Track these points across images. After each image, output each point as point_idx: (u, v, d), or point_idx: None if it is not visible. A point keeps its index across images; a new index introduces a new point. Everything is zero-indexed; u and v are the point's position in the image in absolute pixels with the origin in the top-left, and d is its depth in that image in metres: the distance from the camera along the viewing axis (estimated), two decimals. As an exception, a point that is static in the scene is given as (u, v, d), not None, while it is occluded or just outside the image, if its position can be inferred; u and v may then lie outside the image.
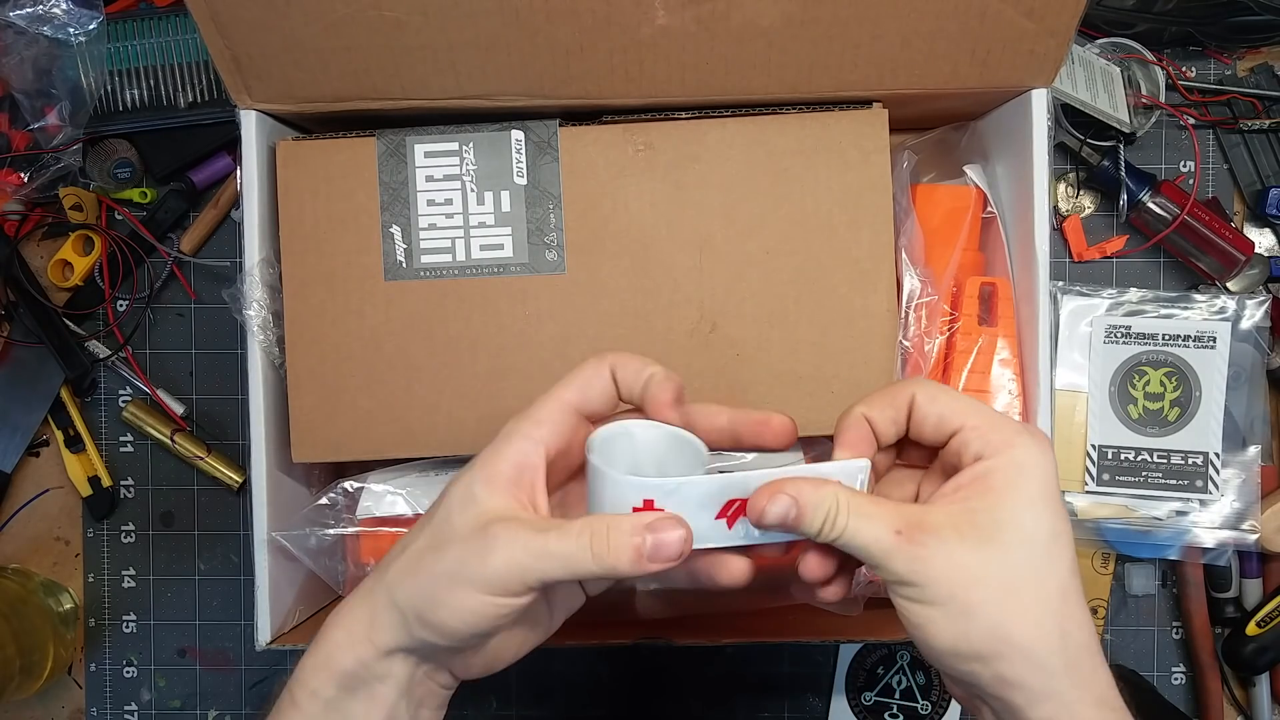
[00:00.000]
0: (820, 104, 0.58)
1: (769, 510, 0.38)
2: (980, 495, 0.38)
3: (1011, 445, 0.38)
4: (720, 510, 0.40)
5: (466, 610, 0.38)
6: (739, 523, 0.40)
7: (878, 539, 0.37)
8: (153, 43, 0.70)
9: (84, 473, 0.73)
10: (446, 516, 0.40)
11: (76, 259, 0.72)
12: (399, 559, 0.40)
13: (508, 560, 0.37)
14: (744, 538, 0.41)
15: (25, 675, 0.69)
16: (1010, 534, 0.37)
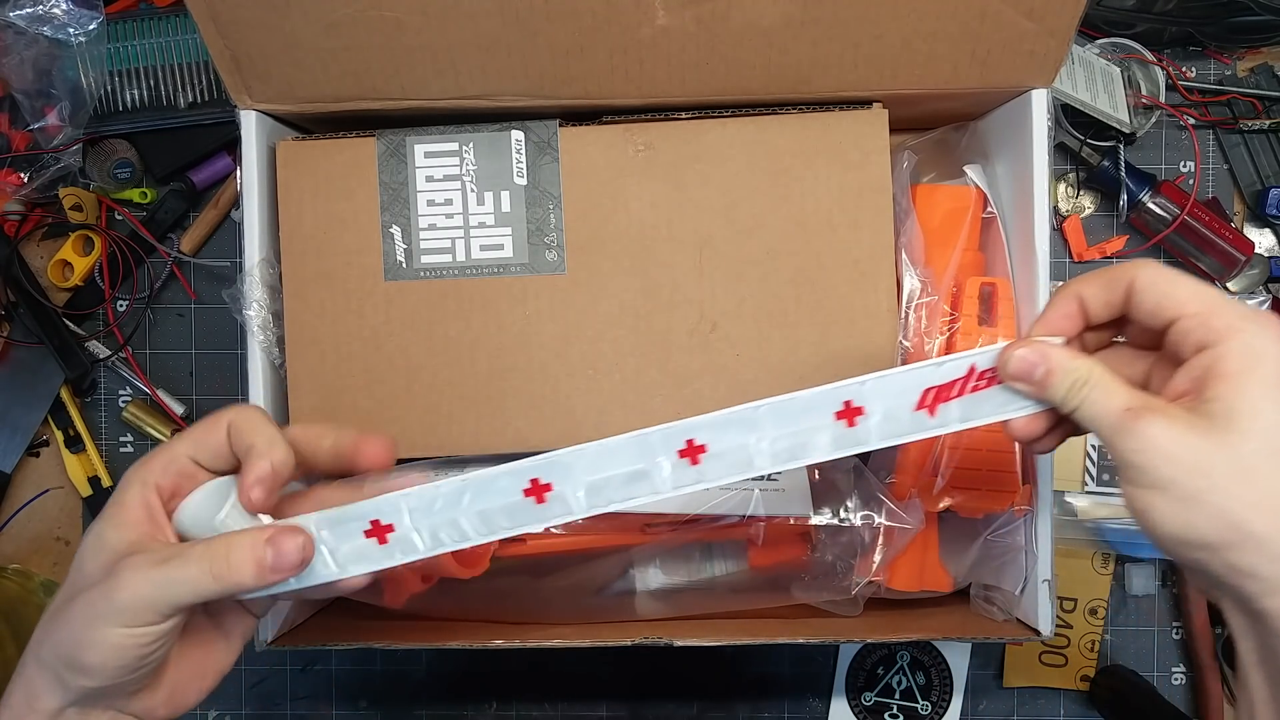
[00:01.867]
0: (820, 104, 0.58)
1: (1019, 360, 0.39)
2: (1212, 384, 0.36)
3: (1239, 331, 0.36)
4: (918, 401, 0.42)
5: (108, 646, 0.39)
6: (941, 409, 0.42)
7: (1109, 412, 0.37)
8: (153, 43, 0.70)
9: (84, 473, 0.73)
10: (79, 566, 0.41)
11: (76, 259, 0.72)
12: (41, 623, 0.42)
13: (134, 592, 0.39)
14: (941, 425, 0.42)
15: (25, 675, 0.69)
16: (1245, 421, 0.35)
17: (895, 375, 0.42)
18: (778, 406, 0.43)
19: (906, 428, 0.42)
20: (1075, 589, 0.73)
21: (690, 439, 0.43)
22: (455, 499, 0.44)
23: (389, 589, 0.60)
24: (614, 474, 0.43)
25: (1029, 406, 0.42)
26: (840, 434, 0.43)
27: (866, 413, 0.42)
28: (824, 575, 0.60)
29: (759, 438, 0.43)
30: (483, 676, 0.75)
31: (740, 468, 0.43)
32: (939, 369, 0.42)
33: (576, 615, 0.61)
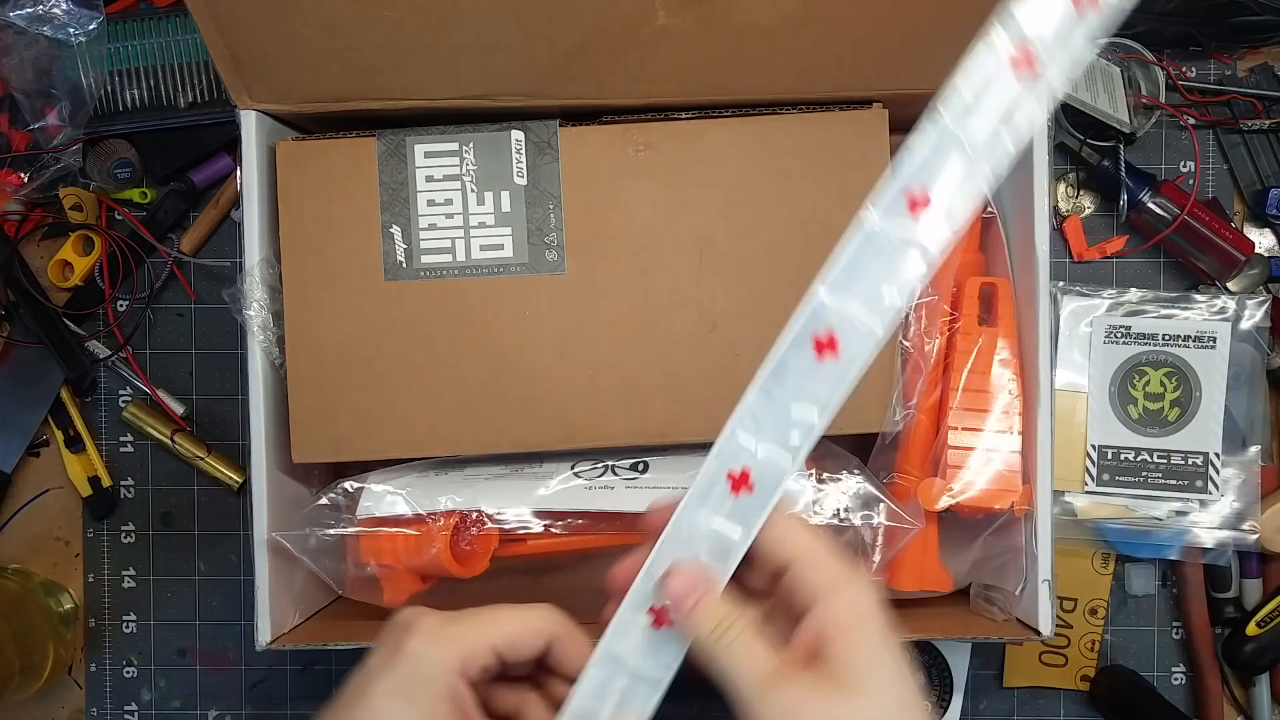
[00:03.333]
0: (820, 104, 0.58)
1: (678, 578, 0.39)
2: (831, 642, 0.37)
3: (840, 589, 0.37)
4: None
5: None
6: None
7: (750, 672, 0.39)
8: (153, 43, 0.70)
9: (84, 473, 0.73)
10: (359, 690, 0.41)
11: (76, 259, 0.72)
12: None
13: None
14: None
15: (25, 675, 0.69)
16: (868, 680, 0.36)
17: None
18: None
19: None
20: (1075, 589, 0.73)
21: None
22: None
23: (389, 589, 0.60)
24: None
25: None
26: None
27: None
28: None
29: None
30: (483, 676, 0.75)
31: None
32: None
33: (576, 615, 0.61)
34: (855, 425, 0.59)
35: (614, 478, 0.59)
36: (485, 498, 0.59)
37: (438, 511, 0.58)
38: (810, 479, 0.58)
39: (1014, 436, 0.59)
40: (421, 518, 0.58)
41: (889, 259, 0.40)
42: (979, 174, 0.39)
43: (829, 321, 0.41)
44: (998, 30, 0.39)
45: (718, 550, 0.40)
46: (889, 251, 0.40)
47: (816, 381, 0.41)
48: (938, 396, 0.61)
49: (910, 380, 0.60)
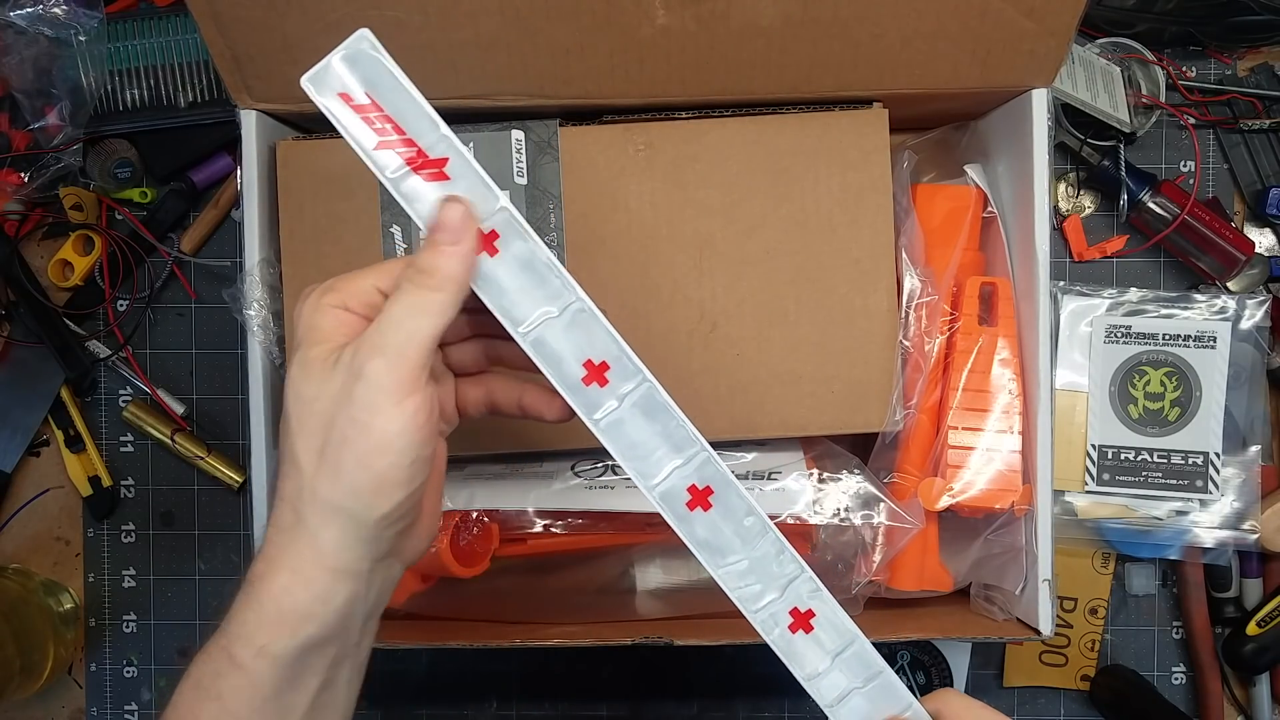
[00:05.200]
0: (820, 104, 0.58)
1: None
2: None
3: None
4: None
5: (394, 438, 0.37)
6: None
7: None
8: (153, 43, 0.70)
9: (84, 473, 0.73)
10: (317, 412, 0.39)
11: (76, 259, 0.72)
12: (296, 479, 0.39)
13: (383, 357, 0.37)
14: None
15: (25, 675, 0.69)
16: None
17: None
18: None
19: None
20: (1075, 589, 0.73)
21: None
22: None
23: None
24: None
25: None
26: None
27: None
28: (824, 575, 0.59)
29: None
30: (483, 676, 0.75)
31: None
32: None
33: (576, 615, 0.61)
34: (855, 425, 0.59)
35: (614, 477, 0.59)
36: (485, 498, 0.59)
37: (439, 511, 0.58)
38: (810, 479, 0.58)
39: (1014, 436, 0.59)
40: (421, 518, 0.58)
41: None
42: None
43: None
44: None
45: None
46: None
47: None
48: (938, 396, 0.61)
49: (910, 380, 0.60)
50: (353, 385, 0.38)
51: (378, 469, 0.38)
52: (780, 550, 0.43)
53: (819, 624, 0.43)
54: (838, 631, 0.43)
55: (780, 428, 0.59)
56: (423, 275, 0.39)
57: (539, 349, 0.42)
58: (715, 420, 0.59)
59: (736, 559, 0.43)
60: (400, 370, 0.37)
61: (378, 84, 0.41)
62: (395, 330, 0.38)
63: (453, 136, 0.41)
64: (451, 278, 0.39)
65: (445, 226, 0.39)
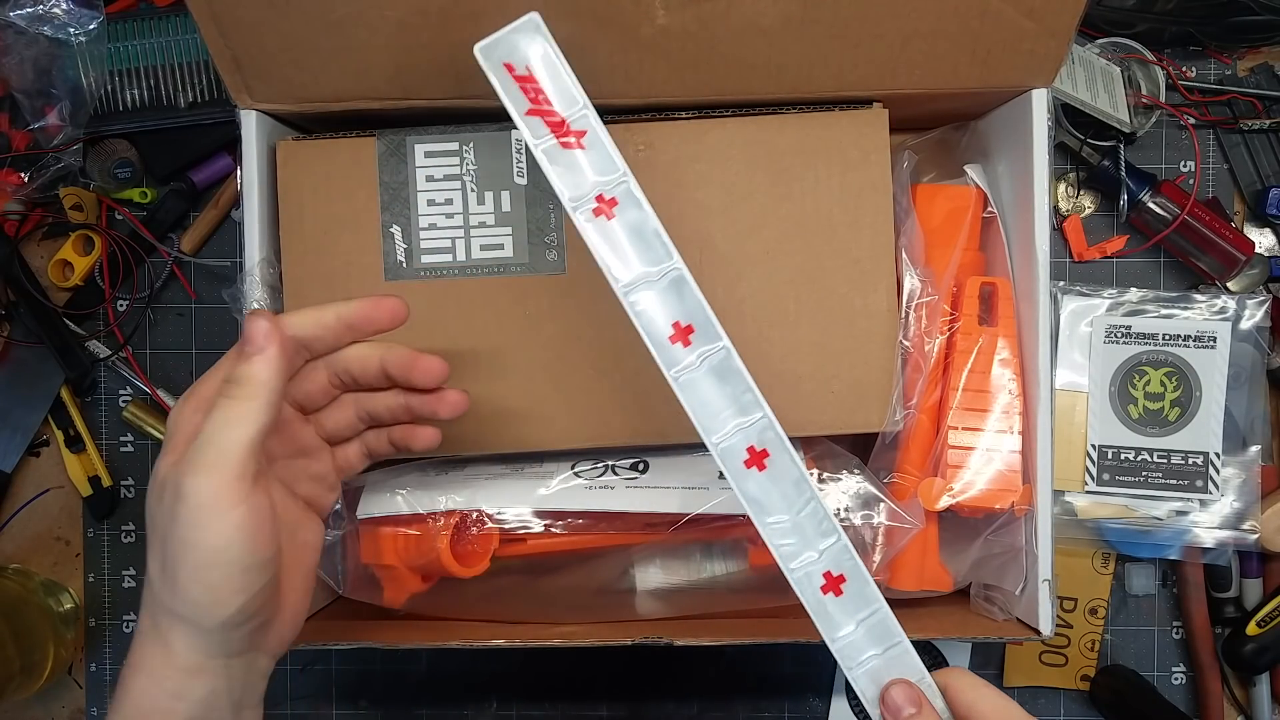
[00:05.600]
0: (820, 104, 0.58)
1: (896, 695, 0.44)
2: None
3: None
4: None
5: (220, 552, 0.38)
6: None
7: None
8: (153, 43, 0.70)
9: (84, 473, 0.73)
10: (156, 528, 0.41)
11: (76, 259, 0.72)
12: (150, 588, 0.41)
13: (205, 473, 0.38)
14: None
15: (25, 675, 0.69)
16: None
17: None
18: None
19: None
20: (1075, 589, 0.73)
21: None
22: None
23: (389, 588, 0.60)
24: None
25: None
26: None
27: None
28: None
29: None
30: (483, 676, 0.75)
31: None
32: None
33: (576, 615, 0.61)
34: (855, 425, 0.59)
35: (614, 477, 0.59)
36: (485, 498, 0.59)
37: (438, 511, 0.58)
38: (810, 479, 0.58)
39: (1014, 436, 0.59)
40: (421, 517, 0.58)
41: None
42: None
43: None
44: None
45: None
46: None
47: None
48: (938, 396, 0.61)
49: (910, 380, 0.60)
50: (175, 505, 0.39)
51: (208, 582, 0.39)
52: (822, 518, 0.46)
53: (848, 589, 0.46)
54: (865, 599, 0.46)
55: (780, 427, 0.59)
56: (232, 385, 0.40)
57: (633, 306, 0.47)
58: (715, 420, 0.59)
59: (781, 518, 0.46)
60: (219, 484, 0.38)
61: (537, 60, 0.47)
62: (209, 446, 0.39)
63: (592, 114, 0.47)
64: (263, 384, 0.40)
65: (250, 339, 0.41)
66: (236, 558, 0.39)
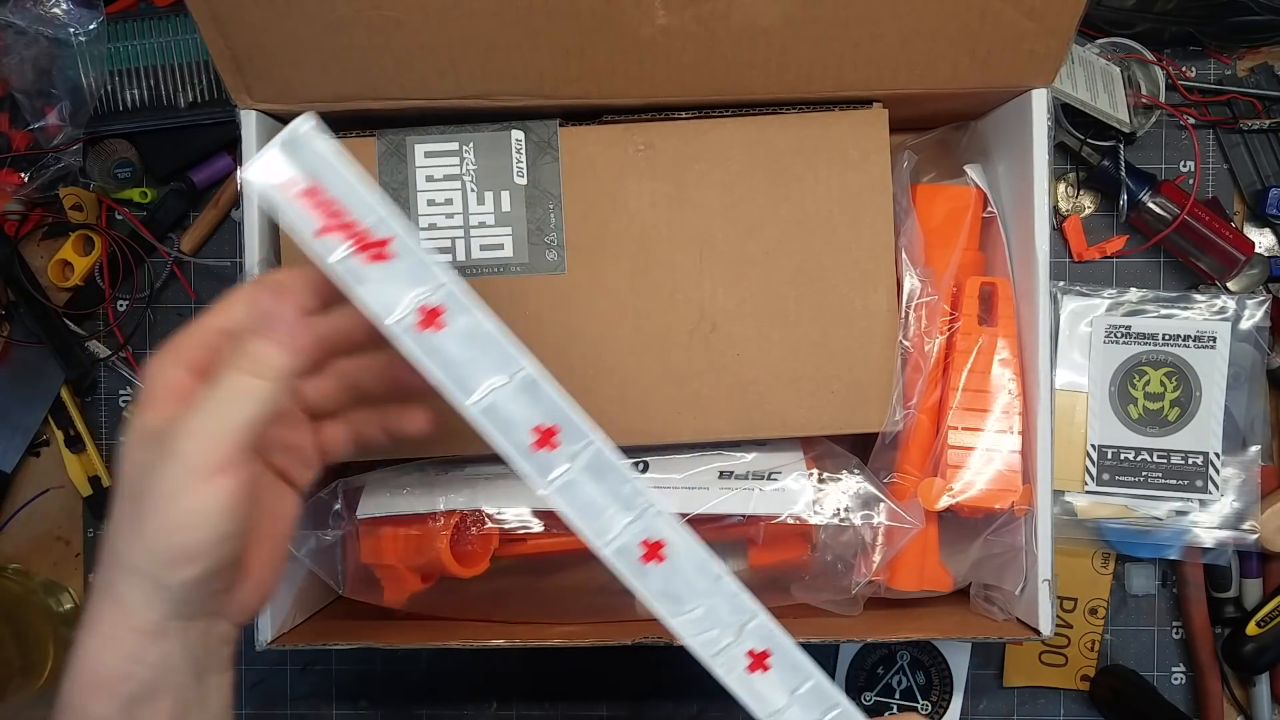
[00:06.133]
0: (820, 104, 0.58)
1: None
2: None
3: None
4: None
5: (199, 510, 0.37)
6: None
7: None
8: (153, 43, 0.70)
9: (84, 473, 0.73)
10: (129, 472, 0.39)
11: (76, 259, 0.72)
12: (116, 535, 0.39)
13: (197, 437, 0.37)
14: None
15: (25, 675, 0.69)
16: None
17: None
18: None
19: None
20: (1075, 589, 0.73)
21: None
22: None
23: (389, 588, 0.60)
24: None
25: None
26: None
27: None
28: (824, 575, 0.60)
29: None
30: (483, 676, 0.75)
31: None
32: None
33: (576, 615, 0.61)
34: (855, 425, 0.59)
35: (614, 478, 0.59)
36: (485, 498, 0.59)
37: (438, 511, 0.58)
38: (810, 479, 0.58)
39: (1014, 436, 0.59)
40: (421, 517, 0.58)
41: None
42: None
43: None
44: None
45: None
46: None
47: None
48: (938, 396, 0.61)
49: (910, 380, 0.60)
50: (164, 462, 0.38)
51: (178, 541, 0.38)
52: (735, 593, 0.43)
53: (775, 663, 0.43)
54: (794, 669, 0.44)
55: (780, 428, 0.59)
56: (251, 361, 0.39)
57: (490, 417, 0.42)
58: (715, 420, 0.59)
59: (693, 606, 0.43)
60: (214, 453, 0.37)
61: (319, 169, 0.41)
62: (213, 415, 0.38)
63: (395, 217, 0.41)
64: (278, 370, 0.39)
65: (281, 321, 0.40)
66: (213, 524, 0.38)
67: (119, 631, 0.39)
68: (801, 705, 0.44)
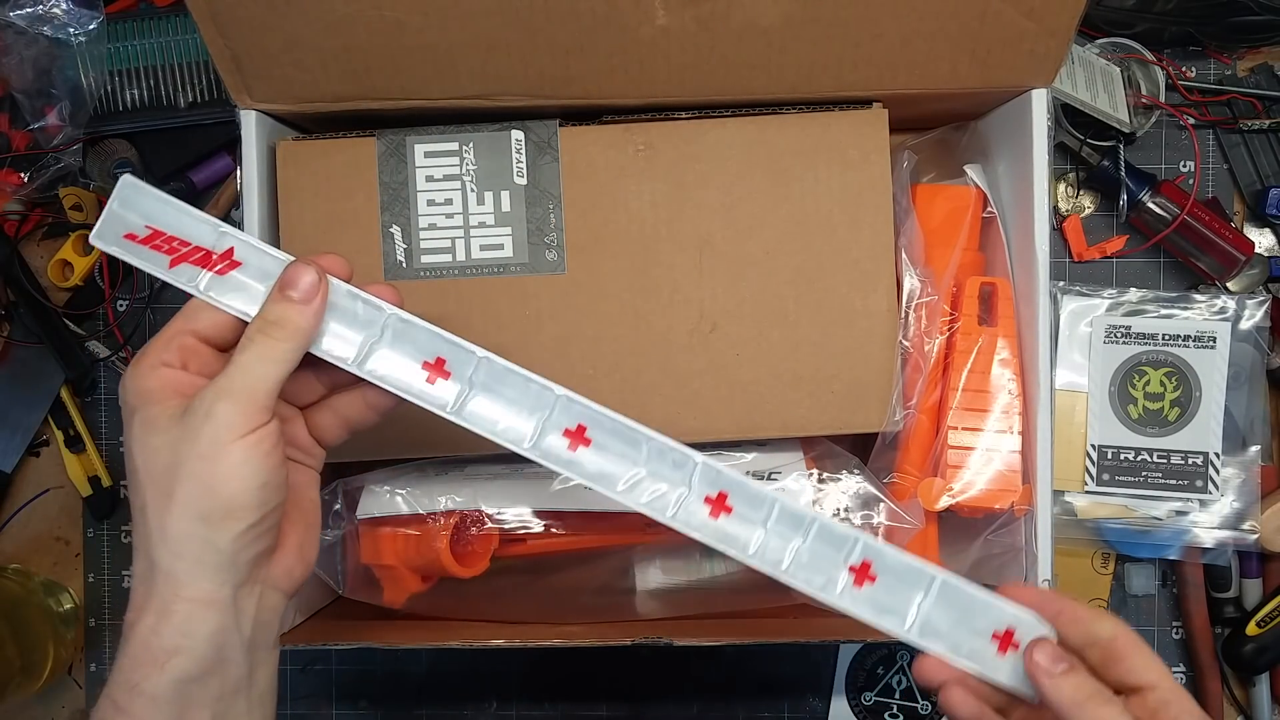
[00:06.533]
0: (820, 104, 0.58)
1: (1043, 652, 0.43)
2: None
3: (1167, 676, 0.43)
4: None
5: (239, 465, 0.40)
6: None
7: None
8: (153, 43, 0.70)
9: (84, 473, 0.73)
10: (141, 478, 0.41)
11: (76, 259, 0.72)
12: (144, 528, 0.41)
13: (228, 401, 0.40)
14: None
15: (25, 675, 0.70)
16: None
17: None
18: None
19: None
20: (1075, 589, 0.73)
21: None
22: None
23: (389, 589, 0.60)
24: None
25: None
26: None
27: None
28: (824, 575, 0.60)
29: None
30: (483, 676, 0.75)
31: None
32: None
33: (576, 615, 0.61)
34: (855, 425, 0.59)
35: (614, 478, 0.59)
36: (485, 498, 0.59)
37: (438, 511, 0.58)
38: (810, 479, 0.58)
39: (1014, 436, 0.59)
40: (421, 517, 0.58)
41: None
42: None
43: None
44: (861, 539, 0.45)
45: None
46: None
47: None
48: (938, 396, 0.61)
49: (910, 380, 0.60)
50: (200, 426, 0.40)
51: (225, 494, 0.40)
52: (669, 447, 0.45)
53: (734, 501, 0.45)
54: (754, 500, 0.45)
55: (780, 428, 0.59)
56: (272, 326, 0.42)
57: (377, 373, 0.45)
58: (715, 420, 0.59)
59: (634, 471, 0.45)
60: (246, 409, 0.40)
61: (152, 213, 0.44)
62: (243, 375, 0.41)
63: (229, 229, 0.45)
64: (300, 329, 0.43)
65: (297, 285, 0.43)
66: (254, 472, 0.40)
67: (170, 605, 0.40)
68: (777, 533, 0.44)
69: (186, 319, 0.44)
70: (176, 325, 0.43)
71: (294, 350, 0.42)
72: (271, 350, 0.42)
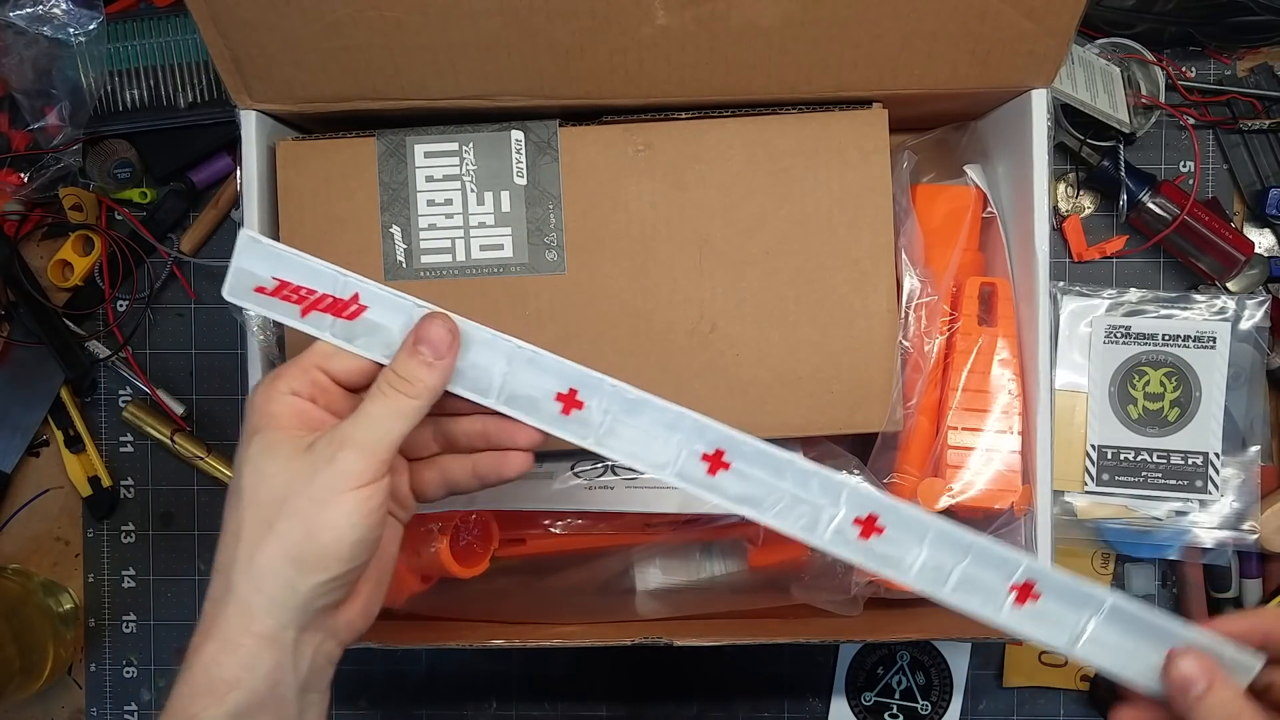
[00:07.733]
0: (820, 104, 0.58)
1: (1186, 668, 0.44)
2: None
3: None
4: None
5: (344, 517, 0.40)
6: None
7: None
8: (153, 43, 0.70)
9: (84, 473, 0.73)
10: (246, 502, 0.42)
11: (76, 259, 0.72)
12: (229, 551, 0.41)
13: (356, 450, 0.41)
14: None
15: (25, 675, 0.70)
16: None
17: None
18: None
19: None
20: (1075, 589, 0.73)
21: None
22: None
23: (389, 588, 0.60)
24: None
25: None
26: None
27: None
28: (824, 575, 0.60)
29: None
30: (483, 676, 0.75)
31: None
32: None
33: (576, 615, 0.61)
34: (855, 425, 0.59)
35: (614, 478, 0.59)
36: (485, 498, 0.59)
37: (438, 512, 0.58)
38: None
39: (1014, 436, 0.59)
40: (421, 518, 0.58)
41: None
42: None
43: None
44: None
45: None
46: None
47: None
48: (938, 396, 0.61)
49: (910, 380, 0.60)
50: (320, 468, 0.41)
51: (323, 541, 0.40)
52: (813, 471, 0.44)
53: (886, 522, 0.44)
54: (907, 523, 0.44)
55: (780, 428, 0.59)
56: (403, 382, 0.43)
57: (514, 405, 0.45)
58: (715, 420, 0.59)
59: (777, 498, 0.44)
60: (368, 462, 0.41)
61: (277, 264, 0.45)
62: (372, 428, 0.42)
63: (351, 274, 0.45)
64: (430, 389, 0.43)
65: (431, 342, 0.43)
66: (355, 527, 0.41)
67: (239, 636, 0.40)
68: (931, 548, 0.44)
69: (323, 356, 0.44)
70: (312, 359, 0.44)
71: (421, 408, 0.43)
72: (400, 405, 0.42)
